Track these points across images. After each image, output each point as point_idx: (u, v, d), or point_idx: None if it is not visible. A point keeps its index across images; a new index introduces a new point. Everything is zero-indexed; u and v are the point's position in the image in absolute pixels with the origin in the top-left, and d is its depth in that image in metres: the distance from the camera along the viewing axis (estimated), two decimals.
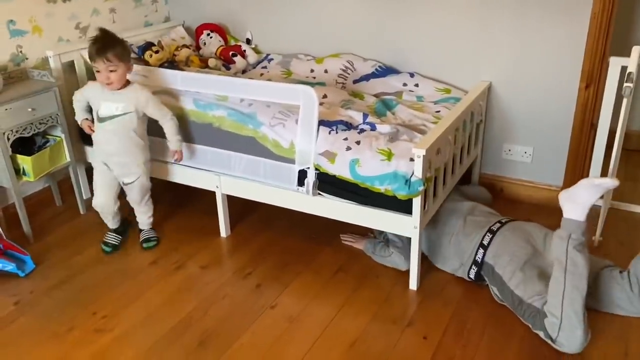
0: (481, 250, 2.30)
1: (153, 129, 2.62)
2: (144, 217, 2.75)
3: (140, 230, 2.78)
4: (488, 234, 2.32)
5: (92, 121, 2.55)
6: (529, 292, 2.09)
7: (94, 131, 2.54)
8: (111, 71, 2.34)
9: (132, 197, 2.67)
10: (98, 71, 2.35)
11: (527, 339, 2.07)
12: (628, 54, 2.57)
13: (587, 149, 2.82)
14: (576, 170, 2.86)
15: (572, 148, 2.83)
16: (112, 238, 2.71)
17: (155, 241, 2.73)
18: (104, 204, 2.62)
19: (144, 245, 2.71)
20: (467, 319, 2.18)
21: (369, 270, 2.49)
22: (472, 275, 2.34)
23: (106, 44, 2.33)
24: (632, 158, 3.46)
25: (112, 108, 2.43)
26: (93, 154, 2.58)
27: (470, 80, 2.93)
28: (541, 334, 2.03)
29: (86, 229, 2.89)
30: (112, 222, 2.72)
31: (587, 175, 2.91)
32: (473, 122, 2.80)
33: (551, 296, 1.99)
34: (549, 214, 2.86)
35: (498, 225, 2.35)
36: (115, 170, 2.55)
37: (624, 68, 2.59)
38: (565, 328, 1.95)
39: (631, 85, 2.31)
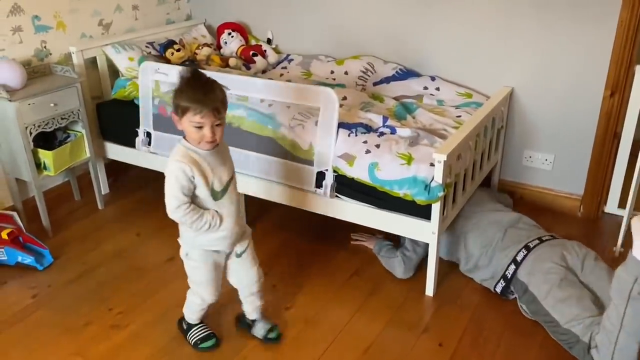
0: (512, 266, 2.23)
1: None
2: (260, 302, 2.11)
3: (254, 322, 2.12)
4: (523, 250, 2.24)
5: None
6: (566, 315, 1.97)
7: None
8: (218, 125, 1.74)
9: (245, 269, 2.02)
10: (199, 127, 1.70)
11: (545, 347, 2.04)
12: None
13: (610, 158, 2.78)
14: (598, 179, 2.82)
15: (594, 157, 2.79)
16: (205, 328, 2.10)
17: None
18: (217, 296, 2.01)
19: (270, 336, 2.09)
20: (483, 327, 2.16)
21: (384, 274, 2.48)
22: (498, 289, 2.29)
23: (214, 90, 1.72)
24: None
25: (224, 174, 1.82)
26: (197, 244, 1.87)
27: (492, 85, 2.90)
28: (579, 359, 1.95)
29: (104, 224, 2.91)
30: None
31: (609, 185, 2.86)
32: (494, 128, 2.77)
33: (604, 333, 1.83)
34: (568, 223, 2.84)
35: (536, 242, 2.25)
36: (228, 248, 1.93)
37: None
38: None
39: None
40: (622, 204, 2.85)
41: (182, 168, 1.72)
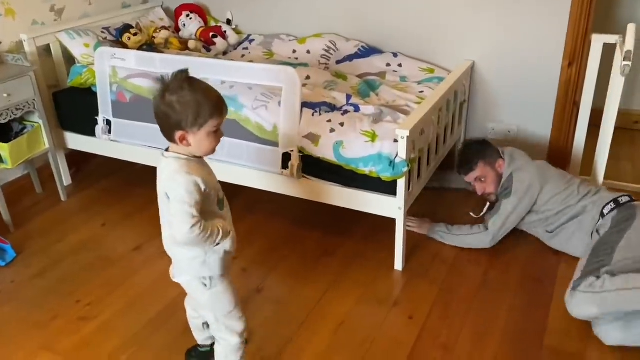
0: (627, 197, 2.24)
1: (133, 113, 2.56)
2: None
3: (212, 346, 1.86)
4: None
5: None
6: (627, 280, 1.89)
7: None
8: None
9: None
10: (216, 130, 1.51)
11: (512, 317, 2.09)
12: (610, 32, 2.58)
13: (570, 127, 2.83)
14: (559, 148, 2.88)
15: (555, 126, 2.84)
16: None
17: None
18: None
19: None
20: (452, 299, 2.20)
21: (354, 252, 2.49)
22: (606, 210, 2.23)
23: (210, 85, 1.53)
24: (614, 136, 3.46)
25: (215, 178, 1.64)
26: (210, 269, 1.62)
27: (454, 59, 2.92)
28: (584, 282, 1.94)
29: (68, 216, 2.85)
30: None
31: (571, 154, 2.92)
32: (457, 102, 2.79)
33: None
34: None
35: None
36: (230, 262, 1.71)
37: (606, 45, 2.60)
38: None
39: (629, 63, 2.29)
40: (583, 172, 2.91)
41: (195, 181, 1.48)
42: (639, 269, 1.93)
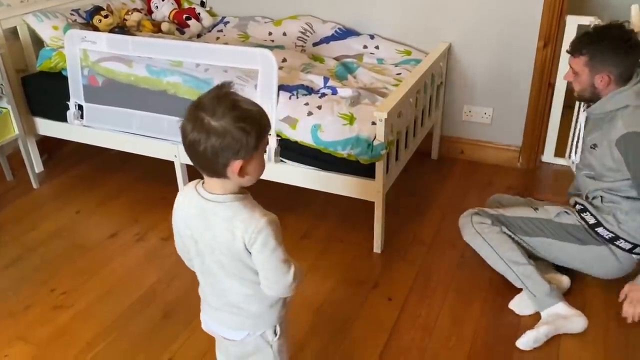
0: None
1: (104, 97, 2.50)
2: None
3: None
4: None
5: None
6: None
7: None
8: None
9: None
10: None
11: (490, 297, 2.12)
12: (584, 13, 2.59)
13: (545, 109, 2.86)
14: (535, 130, 2.90)
15: (531, 108, 2.86)
16: None
17: None
18: None
19: None
20: (430, 280, 2.22)
21: (333, 235, 2.49)
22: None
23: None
24: None
25: None
26: (282, 315, 1.41)
27: (431, 41, 2.91)
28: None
29: (40, 204, 2.78)
30: None
31: (546, 135, 2.95)
32: (434, 84, 2.79)
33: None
34: (508, 174, 2.92)
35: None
36: None
37: (580, 26, 2.61)
38: None
39: None
40: (558, 153, 2.95)
41: (276, 221, 1.25)
42: (515, 243, 2.06)
